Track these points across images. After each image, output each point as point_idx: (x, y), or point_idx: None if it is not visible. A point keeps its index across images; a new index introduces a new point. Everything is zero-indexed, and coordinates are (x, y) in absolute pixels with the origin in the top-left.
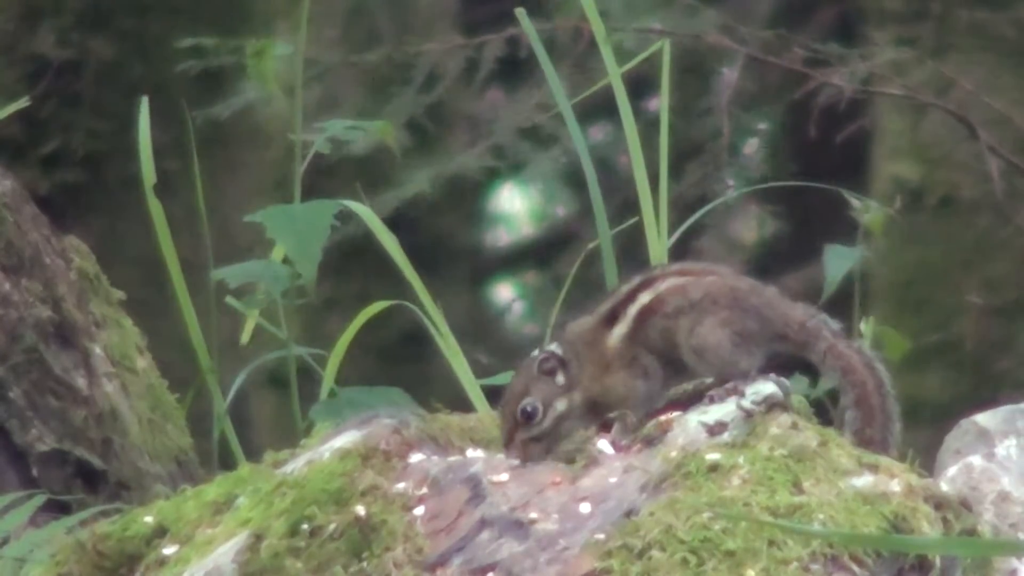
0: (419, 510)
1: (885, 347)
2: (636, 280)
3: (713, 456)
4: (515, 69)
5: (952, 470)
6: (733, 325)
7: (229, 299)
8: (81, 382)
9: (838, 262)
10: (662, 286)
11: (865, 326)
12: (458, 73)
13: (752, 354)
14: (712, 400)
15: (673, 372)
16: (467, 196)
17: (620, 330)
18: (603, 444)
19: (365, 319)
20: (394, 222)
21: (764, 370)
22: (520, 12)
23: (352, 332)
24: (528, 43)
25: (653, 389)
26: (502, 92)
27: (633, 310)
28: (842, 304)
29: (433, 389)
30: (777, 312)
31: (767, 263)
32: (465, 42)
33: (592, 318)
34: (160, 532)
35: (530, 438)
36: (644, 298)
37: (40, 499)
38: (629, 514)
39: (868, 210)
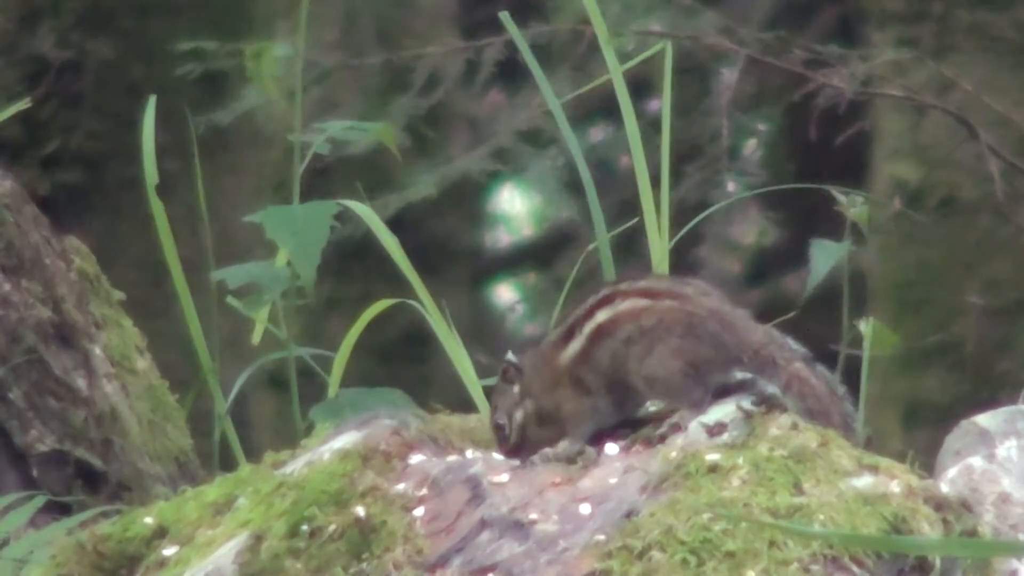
0: (419, 511)
1: (876, 344)
2: (599, 295)
3: (713, 457)
4: (515, 70)
5: (952, 471)
6: (686, 355)
7: (230, 299)
8: (81, 383)
9: (823, 258)
10: (621, 306)
11: (864, 327)
12: (458, 76)
13: (705, 384)
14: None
15: (623, 396)
16: (468, 197)
17: (573, 347)
18: (608, 446)
19: (367, 319)
20: (394, 223)
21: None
22: (504, 16)
23: (356, 333)
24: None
25: (599, 408)
26: (502, 93)
27: (588, 328)
28: (833, 304)
29: (433, 390)
30: (736, 337)
31: (767, 264)
32: (464, 45)
33: (555, 332)
34: (160, 533)
35: (509, 450)
36: (601, 316)
37: (40, 500)
38: (629, 515)
39: (855, 205)
